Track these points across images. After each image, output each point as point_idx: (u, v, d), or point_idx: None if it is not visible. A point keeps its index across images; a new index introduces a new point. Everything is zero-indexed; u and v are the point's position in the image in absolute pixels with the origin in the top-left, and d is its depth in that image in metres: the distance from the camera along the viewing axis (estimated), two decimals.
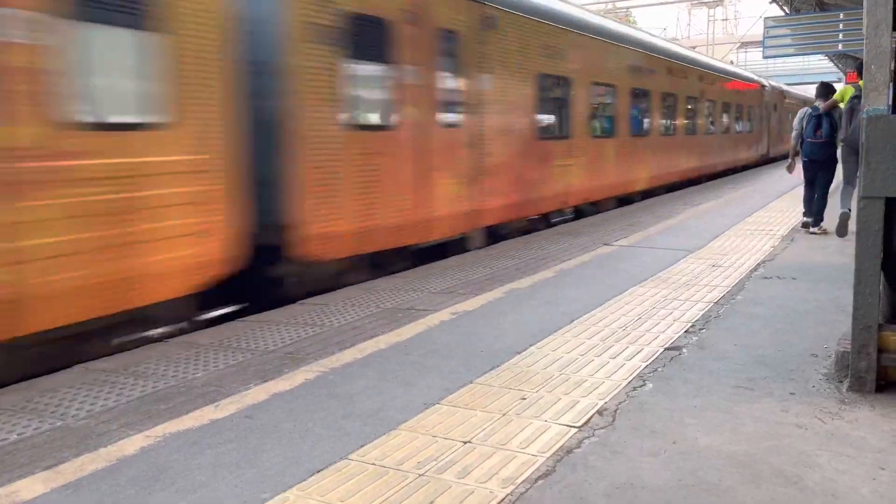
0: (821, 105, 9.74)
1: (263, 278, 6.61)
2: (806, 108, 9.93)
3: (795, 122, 10.02)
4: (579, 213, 12.69)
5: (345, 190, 7.08)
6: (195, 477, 3.08)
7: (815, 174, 9.80)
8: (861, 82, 4.83)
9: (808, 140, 9.64)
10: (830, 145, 9.66)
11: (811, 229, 9.65)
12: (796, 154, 10.11)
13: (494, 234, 9.97)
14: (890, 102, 3.94)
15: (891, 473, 3.01)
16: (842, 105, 9.65)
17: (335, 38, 6.89)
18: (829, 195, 9.84)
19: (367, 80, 7.63)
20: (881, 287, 3.99)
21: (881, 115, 3.80)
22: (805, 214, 9.93)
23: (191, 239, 5.52)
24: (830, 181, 9.88)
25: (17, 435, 3.59)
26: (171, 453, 3.31)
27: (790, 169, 10.63)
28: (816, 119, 9.58)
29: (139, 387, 4.24)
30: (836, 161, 9.75)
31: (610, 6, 45.89)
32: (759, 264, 7.52)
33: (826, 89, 10.00)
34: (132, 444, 3.42)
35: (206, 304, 6.16)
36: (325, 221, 6.86)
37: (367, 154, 7.41)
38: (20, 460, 3.28)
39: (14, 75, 4.43)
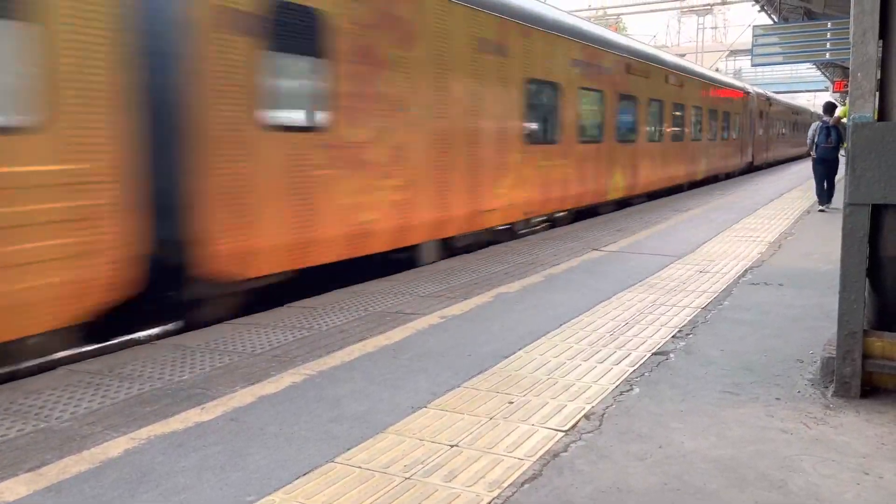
0: (830, 120, 13.28)
1: (167, 303, 5.97)
2: (818, 122, 13.54)
3: (810, 131, 13.69)
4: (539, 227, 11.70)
5: (266, 199, 6.25)
6: (179, 479, 3.06)
7: (825, 170, 13.36)
8: None
9: (821, 145, 13.23)
10: (836, 150, 13.16)
11: (821, 207, 13.19)
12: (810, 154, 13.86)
13: (452, 248, 9.27)
14: (876, 110, 3.98)
15: (875, 479, 3.02)
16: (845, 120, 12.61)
17: (254, 26, 6.12)
18: (835, 184, 13.38)
19: (293, 75, 7.04)
20: (866, 293, 4.02)
21: (867, 122, 3.83)
22: (819, 201, 13.44)
23: (66, 263, 4.82)
24: (835, 174, 13.35)
25: (0, 437, 3.55)
26: (155, 456, 3.29)
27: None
28: (826, 130, 13.20)
29: (124, 389, 4.21)
30: (839, 160, 13.09)
31: (600, 13, 46.12)
32: (746, 270, 7.56)
33: (831, 107, 13.64)
34: (116, 446, 3.40)
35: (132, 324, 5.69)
36: (240, 236, 6.03)
37: (295, 158, 6.59)
38: (3, 462, 3.25)
39: None
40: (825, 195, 13.33)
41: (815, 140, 13.26)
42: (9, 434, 3.59)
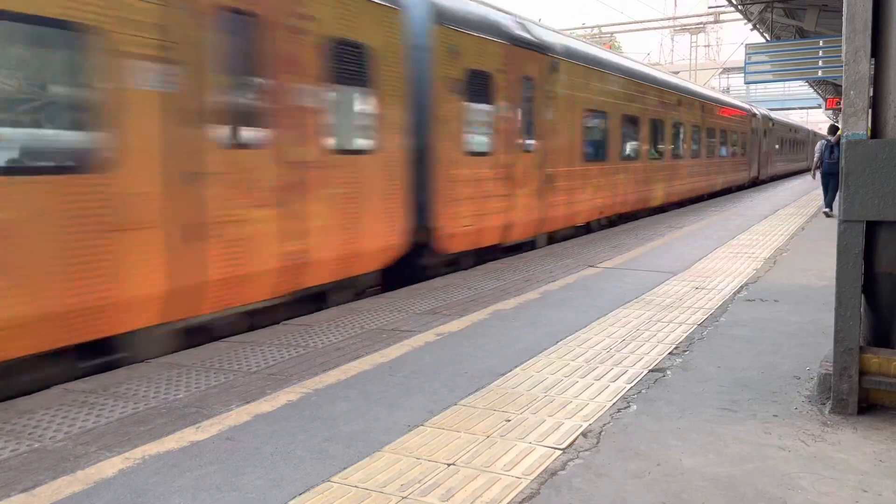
0: (834, 139, 15.72)
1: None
2: (823, 141, 16.19)
3: (816, 149, 16.30)
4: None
5: None
6: (174, 500, 3.04)
7: (829, 181, 15.73)
8: None
9: (826, 161, 15.73)
10: (838, 164, 14.02)
11: (829, 213, 15.58)
12: (818, 167, 16.25)
13: None
14: (869, 128, 4.01)
15: (873, 496, 3.01)
16: None
17: None
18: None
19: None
20: (862, 310, 4.02)
21: (860, 139, 3.86)
22: (825, 206, 15.99)
23: None
24: (838, 185, 14.42)
25: None
26: (150, 476, 3.26)
27: (813, 176, 16.98)
28: (830, 147, 15.63)
29: (119, 408, 4.19)
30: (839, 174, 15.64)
31: (595, 31, 46.52)
32: (742, 287, 7.57)
33: (835, 128, 16.27)
34: (110, 466, 3.37)
35: None
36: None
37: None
38: None
39: None
40: (831, 201, 15.85)
41: (822, 156, 16.03)
42: (2, 454, 3.55)
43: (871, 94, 4.02)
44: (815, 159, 16.42)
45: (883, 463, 3.33)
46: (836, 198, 15.59)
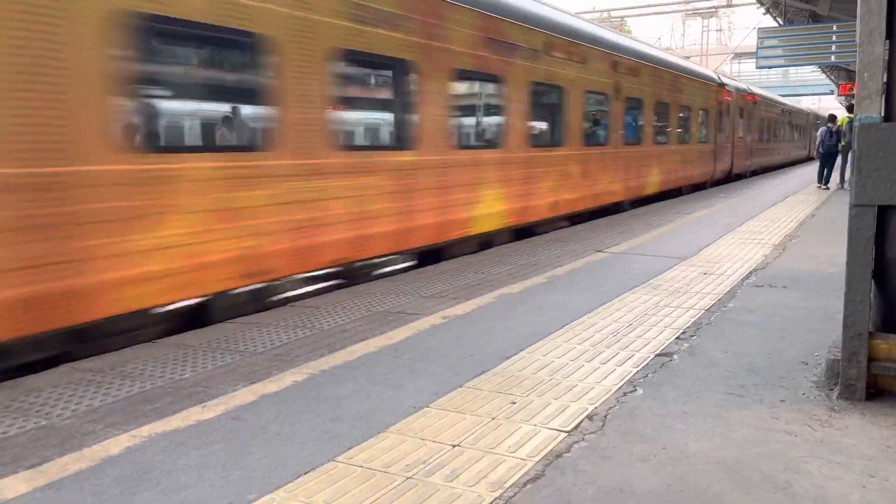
0: (833, 126, 18.62)
1: None
2: (824, 127, 19.06)
3: (818, 133, 19.34)
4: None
5: None
6: (180, 477, 3.05)
7: (827, 160, 19.00)
8: None
9: (826, 143, 18.66)
10: (836, 146, 18.50)
11: (822, 187, 18.85)
12: (819, 151, 19.30)
13: None
14: (882, 111, 3.95)
15: (880, 481, 3.00)
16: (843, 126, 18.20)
17: None
18: (833, 171, 19.27)
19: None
20: (872, 295, 3.99)
21: (873, 122, 3.80)
22: (818, 181, 19.32)
23: None
24: (833, 164, 19.04)
25: (1, 434, 3.55)
26: (156, 454, 3.28)
27: (816, 157, 20.53)
28: (830, 133, 18.49)
29: (125, 387, 4.20)
30: (837, 154, 18.80)
31: (605, 15, 46.16)
32: (750, 272, 7.52)
33: (833, 116, 19.31)
34: (117, 444, 3.38)
35: None
36: None
37: None
38: (3, 459, 3.24)
39: None
40: (826, 178, 19.05)
41: (823, 139, 18.82)
42: (10, 431, 3.58)
43: (885, 78, 3.95)
44: (817, 143, 19.24)
45: (890, 448, 3.31)
46: (833, 175, 19.26)
